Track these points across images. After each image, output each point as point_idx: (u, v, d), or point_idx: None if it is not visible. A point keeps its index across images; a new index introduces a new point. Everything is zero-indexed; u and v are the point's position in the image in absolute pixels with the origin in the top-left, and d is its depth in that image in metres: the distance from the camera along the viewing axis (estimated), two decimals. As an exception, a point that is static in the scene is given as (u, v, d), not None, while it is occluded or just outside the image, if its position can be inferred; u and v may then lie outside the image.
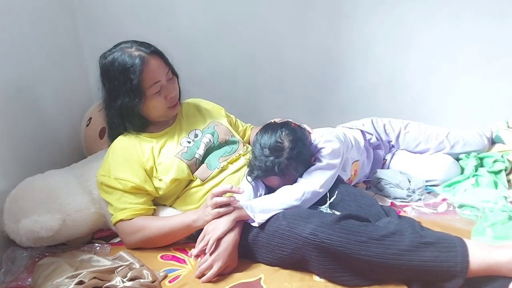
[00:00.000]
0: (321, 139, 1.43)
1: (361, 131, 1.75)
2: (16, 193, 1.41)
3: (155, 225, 1.35)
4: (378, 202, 1.35)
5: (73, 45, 2.04)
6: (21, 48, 1.64)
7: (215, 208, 1.23)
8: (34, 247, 1.39)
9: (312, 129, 1.53)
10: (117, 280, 1.15)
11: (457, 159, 1.75)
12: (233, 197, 1.25)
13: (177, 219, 1.35)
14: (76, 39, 2.08)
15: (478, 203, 1.46)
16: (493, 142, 1.86)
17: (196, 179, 1.44)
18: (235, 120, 1.76)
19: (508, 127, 1.87)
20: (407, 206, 1.53)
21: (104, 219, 1.50)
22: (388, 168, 1.77)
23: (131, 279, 1.17)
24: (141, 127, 1.49)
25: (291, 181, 1.35)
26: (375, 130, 1.79)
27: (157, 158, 1.43)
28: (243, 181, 1.41)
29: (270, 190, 1.39)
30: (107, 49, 1.43)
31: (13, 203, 1.39)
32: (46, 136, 1.75)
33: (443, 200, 1.57)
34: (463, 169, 1.71)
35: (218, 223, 1.23)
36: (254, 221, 1.23)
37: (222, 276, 1.20)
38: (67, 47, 1.99)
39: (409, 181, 1.61)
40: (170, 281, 1.22)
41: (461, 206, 1.50)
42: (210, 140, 1.50)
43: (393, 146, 1.82)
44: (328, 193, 1.34)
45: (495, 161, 1.68)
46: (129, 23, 2.10)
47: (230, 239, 1.22)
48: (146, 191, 1.40)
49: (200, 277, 1.19)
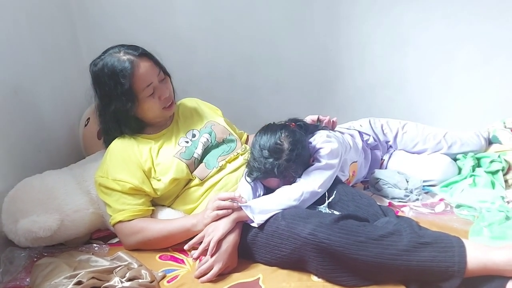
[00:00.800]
0: (320, 139, 1.43)
1: (359, 132, 1.76)
2: (14, 193, 1.41)
3: (154, 227, 1.35)
4: (376, 202, 1.35)
5: (70, 45, 2.04)
6: (18, 48, 1.64)
7: (215, 210, 1.23)
8: (32, 247, 1.39)
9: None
10: (115, 280, 1.15)
11: (455, 159, 1.75)
12: (236, 203, 1.25)
13: (176, 222, 1.35)
14: (74, 39, 2.07)
15: (476, 203, 1.47)
16: (490, 142, 1.86)
17: (195, 178, 1.44)
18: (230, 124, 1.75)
19: (505, 127, 1.88)
20: (405, 206, 1.53)
21: (102, 219, 1.50)
22: (386, 168, 1.78)
23: (129, 279, 1.17)
24: (137, 129, 1.49)
25: (290, 182, 1.35)
26: (373, 130, 1.79)
27: (155, 159, 1.43)
28: (241, 181, 1.41)
29: (268, 190, 1.39)
30: (104, 49, 1.43)
31: (11, 203, 1.38)
32: (44, 137, 1.74)
33: (441, 200, 1.58)
34: (460, 169, 1.71)
35: (218, 224, 1.23)
36: (253, 222, 1.24)
37: (221, 276, 1.20)
38: (64, 47, 1.98)
39: (407, 181, 1.62)
40: (168, 281, 1.22)
41: (458, 206, 1.50)
42: (208, 140, 1.50)
43: (390, 146, 1.83)
44: (327, 193, 1.34)
45: (492, 161, 1.68)
46: (126, 23, 2.10)
47: (230, 240, 1.22)
48: (145, 192, 1.40)
49: (200, 277, 1.19)
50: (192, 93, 1.71)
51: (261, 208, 1.25)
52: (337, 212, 1.27)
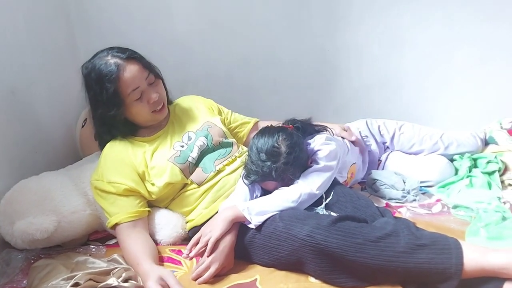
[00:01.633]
0: (319, 141, 1.43)
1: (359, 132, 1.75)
2: (10, 195, 1.41)
3: (123, 250, 1.31)
4: (373, 204, 1.35)
5: (68, 46, 2.03)
6: (15, 49, 1.63)
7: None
8: (29, 249, 1.38)
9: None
10: (111, 281, 1.15)
11: (451, 160, 1.76)
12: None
13: (132, 264, 1.25)
14: (71, 40, 2.07)
15: (472, 203, 1.47)
16: (486, 143, 1.87)
17: (191, 183, 1.43)
18: (230, 114, 1.71)
19: (501, 128, 1.89)
20: (402, 206, 1.54)
21: (99, 220, 1.49)
22: (383, 169, 1.78)
23: (126, 280, 1.17)
24: (130, 132, 1.48)
25: (288, 185, 1.35)
26: (370, 131, 1.79)
27: (149, 162, 1.42)
28: (239, 182, 1.41)
29: (266, 191, 1.39)
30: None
31: (7, 205, 1.38)
32: (41, 138, 1.73)
33: (438, 200, 1.58)
34: (457, 170, 1.72)
35: (215, 224, 1.23)
36: (250, 223, 1.24)
37: (218, 278, 1.20)
38: (62, 48, 1.98)
39: (404, 182, 1.62)
40: (166, 283, 1.21)
41: (455, 207, 1.51)
42: (204, 143, 1.49)
43: (387, 147, 1.83)
44: (324, 194, 1.34)
45: (488, 162, 1.69)
46: (124, 24, 2.09)
47: (227, 240, 1.22)
48: (140, 193, 1.40)
49: (197, 278, 1.19)
50: (189, 94, 1.70)
51: (258, 209, 1.25)
52: (334, 214, 1.27)
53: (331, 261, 1.10)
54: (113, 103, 1.37)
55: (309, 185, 1.31)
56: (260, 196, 1.37)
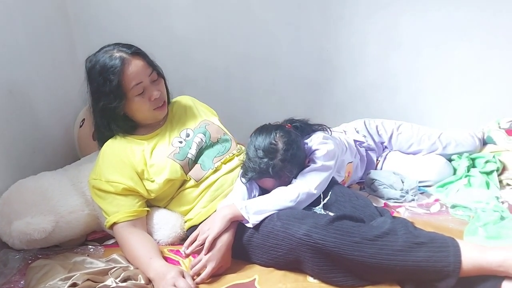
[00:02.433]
0: (316, 140, 1.43)
1: (354, 140, 1.75)
2: (8, 195, 1.40)
3: (128, 247, 1.30)
4: (372, 203, 1.35)
5: (66, 46, 2.03)
6: (13, 48, 1.63)
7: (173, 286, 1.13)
8: (27, 249, 1.38)
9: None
10: (109, 281, 1.15)
11: (450, 159, 1.76)
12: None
13: (143, 260, 1.24)
14: (69, 40, 2.07)
15: (471, 203, 1.48)
16: (484, 143, 1.87)
17: (190, 179, 1.43)
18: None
19: (500, 127, 1.89)
20: (400, 206, 1.54)
21: (97, 220, 1.49)
22: (381, 169, 1.78)
23: (124, 280, 1.17)
24: (128, 129, 1.48)
25: (286, 183, 1.35)
26: (368, 131, 1.80)
27: (148, 160, 1.42)
28: (237, 182, 1.41)
29: (263, 190, 1.39)
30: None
31: (5, 205, 1.38)
32: (39, 138, 1.73)
33: (436, 200, 1.58)
34: (455, 170, 1.72)
35: (213, 223, 1.23)
36: (248, 222, 1.23)
37: (216, 277, 1.20)
38: (60, 48, 1.97)
39: (403, 182, 1.62)
40: (164, 283, 1.21)
41: (453, 207, 1.51)
42: (202, 140, 1.49)
43: (386, 147, 1.83)
44: (322, 194, 1.34)
45: (487, 161, 1.69)
46: (122, 24, 2.09)
47: (224, 239, 1.22)
48: (138, 193, 1.40)
49: (193, 277, 1.19)
50: (188, 94, 1.70)
51: (256, 209, 1.24)
52: (332, 213, 1.27)
53: (329, 260, 1.10)
54: (116, 95, 1.37)
55: (307, 184, 1.31)
56: (258, 196, 1.37)
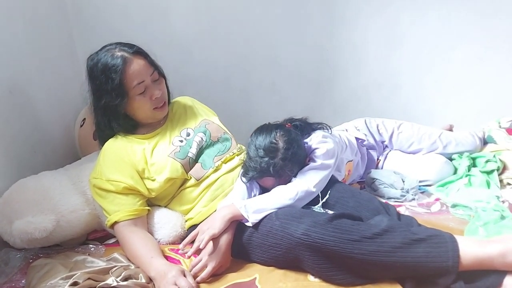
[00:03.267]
0: (316, 139, 1.44)
1: (355, 138, 1.75)
2: (9, 194, 1.41)
3: (129, 246, 1.30)
4: (376, 197, 1.36)
5: (66, 46, 2.03)
6: (13, 48, 1.63)
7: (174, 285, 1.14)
8: (28, 248, 1.38)
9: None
10: (111, 280, 1.15)
11: (450, 159, 1.76)
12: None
13: (144, 259, 1.25)
14: (69, 40, 2.07)
15: (471, 202, 1.47)
16: (485, 142, 1.87)
17: (190, 178, 1.43)
18: None
19: (500, 127, 1.89)
20: (401, 206, 1.53)
21: (98, 220, 1.49)
22: (382, 169, 1.78)
23: (125, 279, 1.17)
24: (129, 129, 1.48)
25: (286, 182, 1.35)
26: (368, 130, 1.80)
27: (149, 159, 1.43)
28: (237, 181, 1.41)
29: (264, 190, 1.39)
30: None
31: (6, 204, 1.38)
32: (40, 137, 1.73)
33: (437, 199, 1.58)
34: (456, 169, 1.72)
35: (213, 222, 1.23)
36: (248, 221, 1.24)
37: (217, 277, 1.20)
38: (60, 48, 1.98)
39: (403, 181, 1.62)
40: (165, 282, 1.21)
41: (454, 206, 1.51)
42: (202, 139, 1.50)
43: (386, 146, 1.83)
44: (320, 194, 1.35)
45: (487, 161, 1.69)
46: (122, 24, 2.09)
47: (224, 239, 1.23)
48: (139, 192, 1.40)
49: (194, 277, 1.19)
50: (188, 94, 1.70)
51: (256, 208, 1.25)
52: (330, 212, 1.27)
53: (329, 258, 1.10)
54: (117, 94, 1.38)
55: (306, 182, 1.32)
56: (258, 195, 1.37)
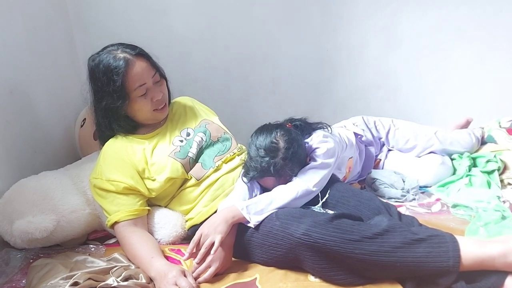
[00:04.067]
0: (316, 139, 1.44)
1: (354, 132, 1.75)
2: (9, 194, 1.41)
3: (129, 246, 1.30)
4: (377, 197, 1.36)
5: (66, 46, 2.03)
6: (14, 48, 1.63)
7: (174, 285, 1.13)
8: (28, 248, 1.38)
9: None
10: (111, 280, 1.15)
11: (451, 159, 1.75)
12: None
13: (145, 259, 1.25)
14: (70, 40, 2.07)
15: (472, 202, 1.47)
16: (484, 142, 1.87)
17: (191, 178, 1.43)
18: None
19: (500, 127, 1.89)
20: (401, 206, 1.53)
21: (99, 220, 1.49)
22: (383, 168, 1.78)
23: (125, 279, 1.17)
24: (129, 129, 1.48)
25: (286, 182, 1.35)
26: (366, 126, 1.80)
27: (149, 158, 1.43)
28: (238, 181, 1.41)
29: (264, 190, 1.39)
30: (100, 49, 1.43)
31: (6, 204, 1.38)
32: (40, 137, 1.73)
33: (437, 200, 1.58)
34: (455, 169, 1.72)
35: (216, 226, 1.22)
36: (249, 222, 1.23)
37: (218, 277, 1.20)
38: (60, 48, 1.98)
39: (404, 181, 1.62)
40: (165, 282, 1.21)
41: (454, 206, 1.51)
42: (202, 139, 1.50)
43: (383, 143, 1.83)
44: (320, 194, 1.35)
45: (488, 161, 1.69)
46: (122, 24, 2.09)
47: (226, 240, 1.22)
48: (139, 192, 1.40)
49: (197, 277, 1.19)
50: (188, 94, 1.70)
51: (257, 208, 1.25)
52: (330, 212, 1.27)
53: (329, 258, 1.10)
54: (119, 96, 1.38)
55: (306, 182, 1.32)
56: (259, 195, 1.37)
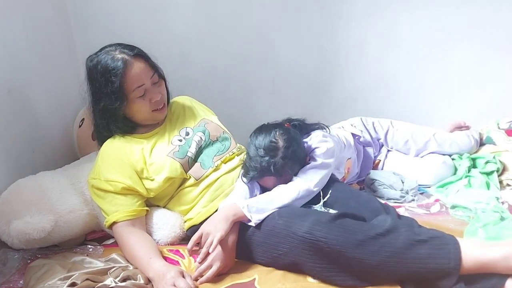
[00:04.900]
0: (316, 139, 1.44)
1: (352, 133, 1.75)
2: (7, 194, 1.40)
3: (127, 246, 1.30)
4: (376, 198, 1.35)
5: (65, 45, 2.03)
6: (12, 48, 1.63)
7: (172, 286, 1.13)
8: (26, 249, 1.38)
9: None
10: (109, 281, 1.15)
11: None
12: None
13: (143, 260, 1.24)
14: (69, 40, 2.06)
15: (471, 203, 1.47)
16: (482, 143, 1.87)
17: (190, 178, 1.43)
18: None
19: (499, 128, 1.89)
20: (400, 207, 1.53)
21: (97, 220, 1.49)
22: (383, 169, 1.78)
23: (123, 280, 1.17)
24: (127, 130, 1.48)
25: (286, 181, 1.35)
26: (365, 126, 1.80)
27: (148, 158, 1.42)
28: (238, 181, 1.41)
29: (265, 190, 1.38)
30: (99, 49, 1.43)
31: (4, 204, 1.37)
32: (38, 137, 1.73)
33: (436, 201, 1.58)
34: (456, 169, 1.72)
35: (217, 224, 1.21)
36: (250, 221, 1.23)
37: (217, 277, 1.19)
38: (59, 48, 1.97)
39: (403, 182, 1.62)
40: (164, 283, 1.21)
41: (453, 207, 1.51)
42: (201, 139, 1.49)
43: (382, 144, 1.83)
44: (322, 192, 1.35)
45: (487, 162, 1.69)
46: (122, 23, 2.09)
47: (228, 239, 1.22)
48: (138, 192, 1.39)
49: (198, 277, 1.18)
50: (187, 94, 1.70)
51: (258, 207, 1.24)
52: (333, 211, 1.27)
53: (330, 258, 1.10)
54: (117, 97, 1.37)
55: (307, 182, 1.32)
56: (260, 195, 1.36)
